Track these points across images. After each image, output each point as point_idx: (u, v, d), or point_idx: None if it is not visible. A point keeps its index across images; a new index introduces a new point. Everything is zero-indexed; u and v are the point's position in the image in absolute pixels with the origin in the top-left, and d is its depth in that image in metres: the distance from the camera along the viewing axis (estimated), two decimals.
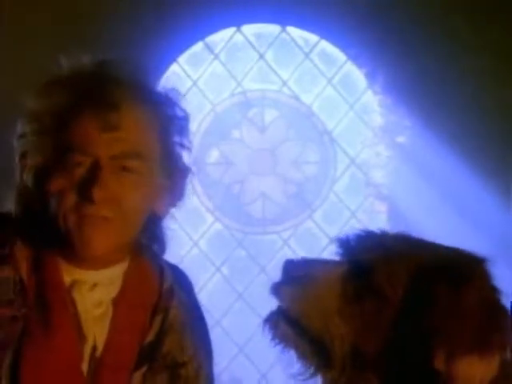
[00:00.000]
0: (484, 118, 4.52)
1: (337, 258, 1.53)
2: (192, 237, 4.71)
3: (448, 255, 1.46)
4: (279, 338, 1.49)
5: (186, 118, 1.75)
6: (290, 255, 4.71)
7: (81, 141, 1.63)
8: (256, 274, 4.71)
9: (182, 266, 1.93)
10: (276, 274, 4.70)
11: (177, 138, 1.73)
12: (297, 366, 1.49)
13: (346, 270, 1.48)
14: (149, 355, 1.70)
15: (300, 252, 4.72)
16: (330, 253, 4.84)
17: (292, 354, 1.50)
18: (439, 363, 1.35)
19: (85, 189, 1.61)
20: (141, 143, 1.66)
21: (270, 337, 1.50)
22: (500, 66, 4.55)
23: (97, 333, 1.67)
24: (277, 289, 1.52)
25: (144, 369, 1.69)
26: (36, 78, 1.73)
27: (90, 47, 4.45)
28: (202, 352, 1.81)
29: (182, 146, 1.74)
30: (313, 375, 1.49)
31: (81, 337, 1.65)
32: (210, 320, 1.91)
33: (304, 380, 1.49)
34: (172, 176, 1.73)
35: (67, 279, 1.67)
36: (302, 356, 1.49)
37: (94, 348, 1.67)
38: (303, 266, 1.53)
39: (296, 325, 1.48)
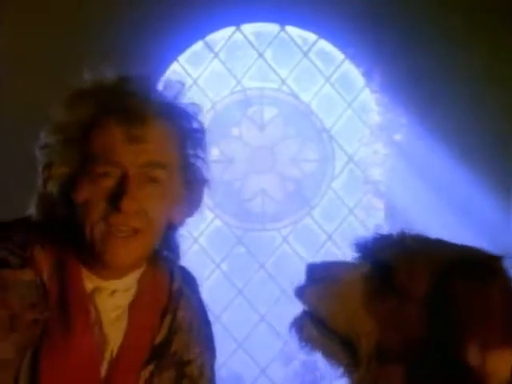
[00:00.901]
0: (480, 117, 4.53)
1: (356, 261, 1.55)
2: (192, 233, 4.68)
3: (468, 252, 1.49)
4: (306, 340, 1.51)
5: (202, 131, 1.78)
6: (289, 251, 4.75)
7: (107, 151, 1.66)
8: (255, 270, 4.73)
9: (182, 263, 1.95)
10: (275, 271, 4.67)
11: (194, 151, 1.76)
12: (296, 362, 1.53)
13: (367, 270, 1.49)
14: (158, 353, 1.74)
15: (299, 248, 4.75)
16: (328, 249, 4.80)
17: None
18: (472, 357, 1.37)
19: (114, 200, 1.64)
20: (164, 154, 1.70)
21: (298, 341, 1.51)
22: (496, 64, 4.57)
23: (112, 335, 1.71)
24: (301, 292, 1.53)
25: (152, 366, 1.73)
26: (38, 76, 1.77)
27: (90, 47, 4.45)
28: (206, 351, 1.85)
29: (199, 157, 1.78)
30: (341, 376, 1.51)
31: (103, 340, 1.69)
32: (209, 316, 1.94)
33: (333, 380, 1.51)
34: (190, 186, 1.76)
35: (89, 286, 1.70)
36: (330, 356, 1.51)
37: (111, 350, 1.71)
38: (325, 268, 1.55)
39: (322, 325, 1.50)
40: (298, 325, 1.51)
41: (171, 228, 1.79)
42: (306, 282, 1.52)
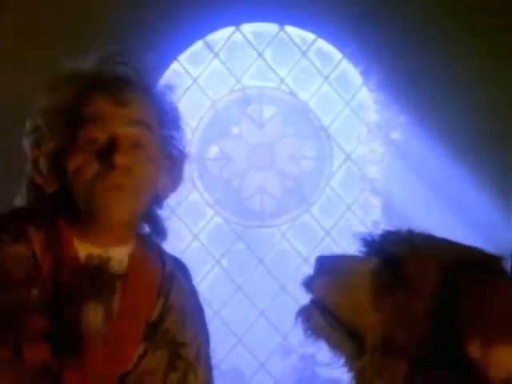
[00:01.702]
0: (475, 116, 4.55)
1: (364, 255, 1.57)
2: (192, 230, 4.74)
3: (473, 251, 1.51)
4: (312, 329, 1.52)
5: (176, 113, 1.86)
6: (288, 248, 4.77)
7: (95, 115, 1.74)
8: (255, 266, 4.74)
9: (182, 259, 2.01)
10: (274, 266, 4.65)
11: (169, 132, 1.84)
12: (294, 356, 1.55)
13: (376, 263, 1.51)
14: (151, 332, 1.79)
15: (298, 244, 4.77)
16: (327, 245, 4.80)
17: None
18: (474, 351, 1.39)
19: (106, 157, 1.72)
20: (148, 118, 1.78)
21: (303, 330, 1.52)
22: (494, 65, 4.58)
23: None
24: (309, 282, 1.54)
25: (145, 343, 1.78)
26: (38, 76, 1.82)
27: (90, 47, 4.44)
28: (200, 336, 1.90)
29: (175, 138, 1.85)
30: (343, 365, 1.53)
31: None
32: (209, 311, 1.98)
33: (333, 369, 1.53)
34: (170, 159, 1.84)
35: (82, 253, 1.76)
36: (334, 346, 1.53)
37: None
38: (334, 260, 1.58)
39: (329, 315, 1.51)
40: (305, 314, 1.53)
41: (157, 204, 1.86)
42: (315, 274, 1.54)
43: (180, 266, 1.94)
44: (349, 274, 1.51)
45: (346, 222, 4.77)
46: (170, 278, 1.86)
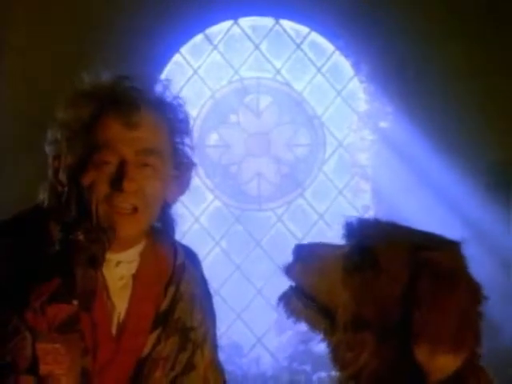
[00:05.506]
0: (459, 106, 4.66)
1: (342, 240, 1.68)
2: (193, 213, 4.86)
3: (434, 236, 1.62)
4: (291, 312, 1.65)
5: (187, 121, 1.95)
6: (284, 230, 4.91)
7: (107, 140, 1.82)
8: (252, 247, 4.88)
9: (184, 241, 2.09)
10: (270, 248, 4.75)
11: (181, 138, 1.92)
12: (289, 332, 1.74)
13: (348, 248, 1.62)
14: (163, 320, 1.90)
15: (293, 227, 4.91)
16: (320, 227, 4.86)
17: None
18: (420, 353, 1.50)
19: (116, 182, 1.79)
20: (157, 141, 1.86)
21: (284, 312, 1.65)
22: (478, 55, 4.70)
23: (119, 302, 1.86)
24: (289, 269, 1.66)
25: (158, 331, 1.88)
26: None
27: (100, 41, 4.49)
28: (208, 320, 2.00)
29: (186, 145, 1.93)
30: (322, 340, 1.65)
31: (111, 305, 1.85)
32: (210, 289, 2.15)
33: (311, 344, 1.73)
34: (179, 169, 1.91)
35: None
36: (311, 325, 1.65)
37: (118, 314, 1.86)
38: (311, 248, 1.69)
39: (306, 297, 1.63)
40: (285, 299, 1.67)
41: (166, 207, 1.94)
42: (294, 260, 1.67)
43: (190, 255, 2.04)
44: (323, 258, 1.64)
45: (337, 206, 4.88)
46: (181, 268, 1.96)
